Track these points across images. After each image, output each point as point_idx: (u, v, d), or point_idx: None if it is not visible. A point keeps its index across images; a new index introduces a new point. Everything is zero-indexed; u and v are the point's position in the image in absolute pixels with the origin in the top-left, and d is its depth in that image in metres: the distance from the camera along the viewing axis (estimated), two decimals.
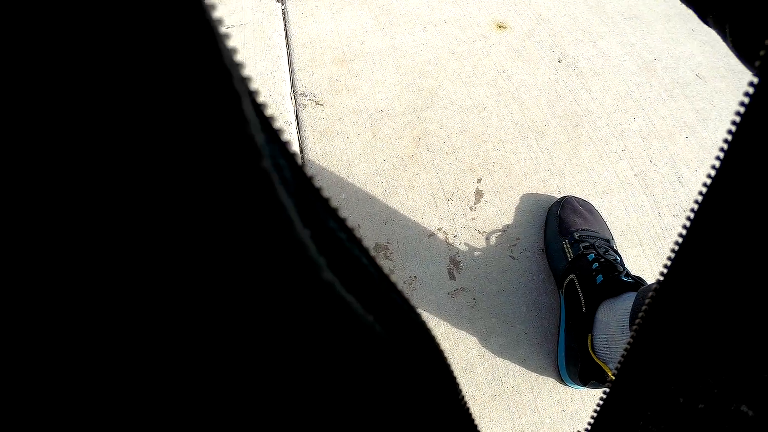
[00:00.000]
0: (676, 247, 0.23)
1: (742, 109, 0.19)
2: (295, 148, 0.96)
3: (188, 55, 0.11)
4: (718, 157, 0.21)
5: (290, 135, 0.98)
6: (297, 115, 1.01)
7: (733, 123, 0.19)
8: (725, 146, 0.20)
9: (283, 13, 1.15)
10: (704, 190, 0.21)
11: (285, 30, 1.12)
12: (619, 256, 0.77)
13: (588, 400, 0.77)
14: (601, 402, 0.30)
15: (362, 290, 0.20)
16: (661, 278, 0.25)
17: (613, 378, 0.29)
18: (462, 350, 0.78)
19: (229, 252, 0.14)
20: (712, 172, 0.21)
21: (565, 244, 0.80)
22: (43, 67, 0.10)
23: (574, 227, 0.81)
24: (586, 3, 1.24)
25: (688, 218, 0.23)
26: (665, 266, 0.25)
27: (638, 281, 0.69)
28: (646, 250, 0.87)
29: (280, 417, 0.19)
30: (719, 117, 1.05)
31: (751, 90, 0.19)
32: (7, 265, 0.11)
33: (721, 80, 1.11)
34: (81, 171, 0.11)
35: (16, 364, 0.13)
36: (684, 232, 0.23)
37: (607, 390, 0.29)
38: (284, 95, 1.03)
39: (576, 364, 0.71)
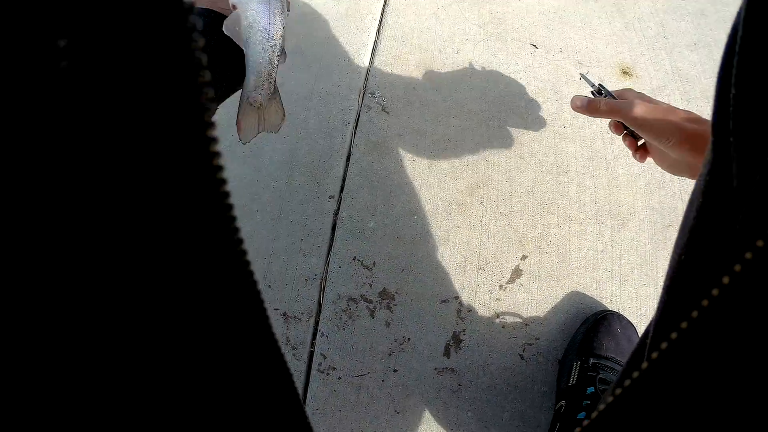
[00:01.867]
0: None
1: None
2: (344, 151, 0.89)
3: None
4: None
5: (344, 137, 0.90)
6: (358, 117, 0.92)
7: None
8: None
9: None
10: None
11: (381, 16, 1.01)
12: None
13: None
14: None
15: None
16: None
17: None
18: (421, 430, 0.71)
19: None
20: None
21: (575, 365, 0.69)
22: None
23: (598, 351, 0.69)
24: None
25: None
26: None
27: None
28: None
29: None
30: None
31: None
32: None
33: None
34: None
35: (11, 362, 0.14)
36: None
37: None
38: (353, 89, 0.94)
39: None
